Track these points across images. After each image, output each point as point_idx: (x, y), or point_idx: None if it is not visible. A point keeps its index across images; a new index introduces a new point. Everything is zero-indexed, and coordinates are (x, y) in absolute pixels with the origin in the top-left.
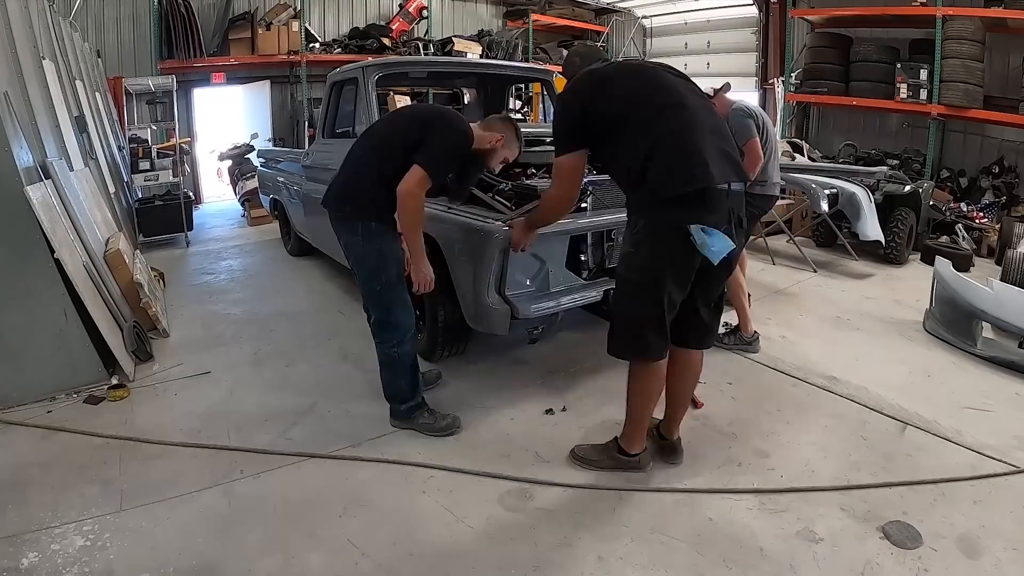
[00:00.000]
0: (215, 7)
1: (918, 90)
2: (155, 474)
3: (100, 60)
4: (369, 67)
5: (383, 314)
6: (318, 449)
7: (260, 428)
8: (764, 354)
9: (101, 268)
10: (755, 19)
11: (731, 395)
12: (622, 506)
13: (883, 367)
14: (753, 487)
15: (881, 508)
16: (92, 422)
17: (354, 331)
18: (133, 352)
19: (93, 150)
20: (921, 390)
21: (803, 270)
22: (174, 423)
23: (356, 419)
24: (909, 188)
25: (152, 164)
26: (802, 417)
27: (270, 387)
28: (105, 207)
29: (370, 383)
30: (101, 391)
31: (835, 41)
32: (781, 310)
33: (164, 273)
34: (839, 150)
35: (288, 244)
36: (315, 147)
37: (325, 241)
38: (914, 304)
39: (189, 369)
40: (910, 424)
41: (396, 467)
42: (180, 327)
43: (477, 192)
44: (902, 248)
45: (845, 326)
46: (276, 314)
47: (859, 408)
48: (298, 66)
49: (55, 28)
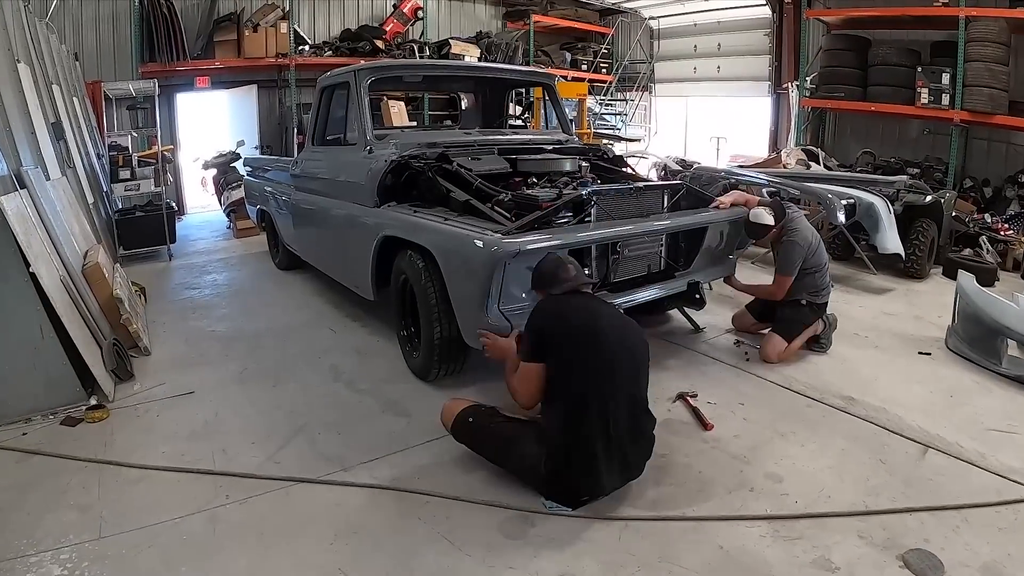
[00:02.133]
0: (199, 7)
1: (940, 95)
2: (136, 500)
3: (78, 63)
4: (361, 71)
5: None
6: (308, 473)
7: (247, 451)
8: (778, 373)
9: (79, 283)
10: (768, 20)
11: (743, 416)
12: (628, 534)
13: (903, 387)
14: (766, 513)
15: (901, 535)
16: (70, 445)
17: (345, 348)
18: (113, 371)
19: (71, 158)
20: (943, 411)
21: None
22: (156, 446)
23: (348, 441)
24: (930, 198)
25: (133, 173)
26: (817, 439)
27: (257, 408)
28: (83, 218)
29: (361, 403)
30: (79, 412)
31: (852, 43)
32: None
33: (145, 288)
34: (856, 158)
35: (276, 257)
36: (304, 155)
37: (315, 254)
38: (936, 321)
39: (172, 389)
40: (931, 447)
41: (390, 492)
42: (162, 345)
43: (476, 203)
44: (923, 262)
45: (863, 344)
46: (263, 331)
47: (878, 430)
48: (287, 70)
49: (30, 30)
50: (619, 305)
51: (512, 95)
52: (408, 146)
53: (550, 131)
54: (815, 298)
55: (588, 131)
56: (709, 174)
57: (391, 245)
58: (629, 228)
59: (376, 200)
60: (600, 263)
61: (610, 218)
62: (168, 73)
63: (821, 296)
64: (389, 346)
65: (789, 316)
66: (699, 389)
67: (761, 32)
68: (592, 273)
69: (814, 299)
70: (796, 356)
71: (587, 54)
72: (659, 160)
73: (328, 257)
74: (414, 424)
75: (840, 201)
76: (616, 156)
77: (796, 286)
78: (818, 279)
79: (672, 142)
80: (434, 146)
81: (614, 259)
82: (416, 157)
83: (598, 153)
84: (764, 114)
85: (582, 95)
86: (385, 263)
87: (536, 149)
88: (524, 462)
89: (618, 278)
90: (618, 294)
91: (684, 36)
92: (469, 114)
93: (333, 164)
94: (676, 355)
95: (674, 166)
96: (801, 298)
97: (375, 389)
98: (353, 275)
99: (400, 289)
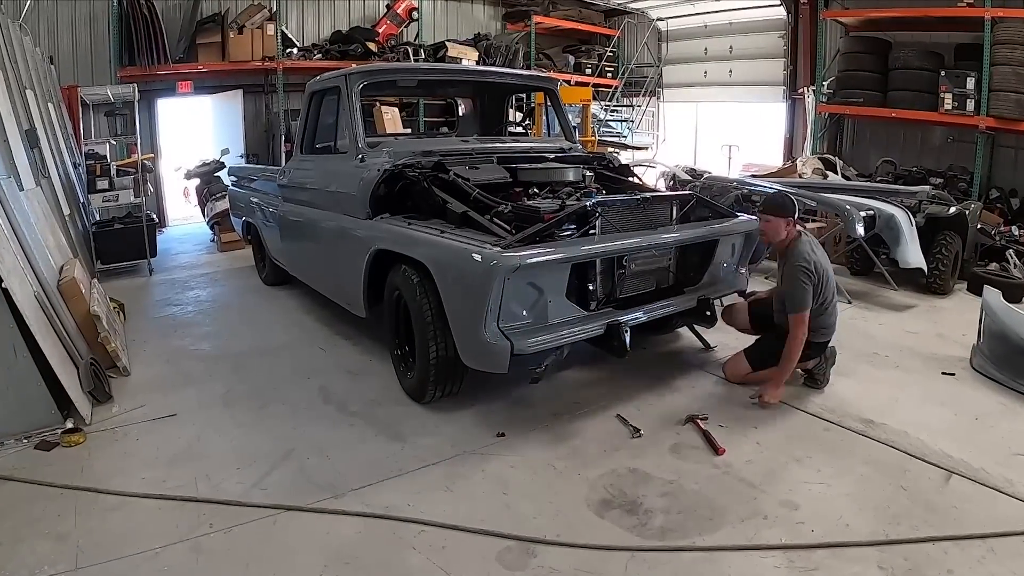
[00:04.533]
0: (181, 8)
1: (964, 100)
2: (115, 528)
3: (53, 67)
4: (353, 75)
5: None
6: (296, 500)
7: (231, 477)
8: (794, 395)
9: (54, 299)
10: (783, 21)
11: (756, 440)
12: (635, 565)
13: (925, 409)
14: (781, 543)
15: (923, 566)
16: (44, 470)
17: (336, 369)
18: (90, 392)
19: (45, 167)
20: (968, 435)
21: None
22: (136, 471)
23: (338, 467)
24: (954, 210)
25: (111, 183)
26: (835, 465)
27: (243, 431)
28: (59, 231)
29: (353, 426)
30: (54, 436)
31: (872, 46)
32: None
33: (124, 304)
34: (876, 167)
35: (263, 272)
36: (292, 164)
37: (304, 269)
38: (960, 339)
39: (152, 411)
40: (955, 472)
41: (383, 521)
42: (142, 365)
43: (474, 215)
44: (947, 277)
45: (883, 363)
46: (249, 350)
47: (899, 455)
48: (274, 74)
49: (3, 32)
50: (625, 323)
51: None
52: (402, 155)
53: (552, 139)
54: (820, 337)
55: (592, 139)
56: (720, 184)
57: (384, 259)
58: (636, 241)
59: (368, 212)
60: (605, 278)
61: (616, 231)
62: (148, 77)
63: (824, 336)
64: (382, 366)
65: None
66: (710, 411)
67: (775, 34)
68: (597, 289)
69: (818, 339)
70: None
71: (591, 57)
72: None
73: (317, 272)
74: (408, 448)
75: (859, 213)
76: (622, 165)
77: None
78: (828, 317)
79: (681, 150)
80: (430, 154)
81: (620, 274)
82: (411, 166)
83: (603, 162)
84: (778, 121)
85: (586, 100)
86: (378, 278)
87: (537, 158)
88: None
89: (624, 294)
90: (624, 311)
91: (694, 38)
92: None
93: (323, 174)
94: (685, 375)
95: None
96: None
97: (367, 411)
98: (344, 291)
99: (394, 306)
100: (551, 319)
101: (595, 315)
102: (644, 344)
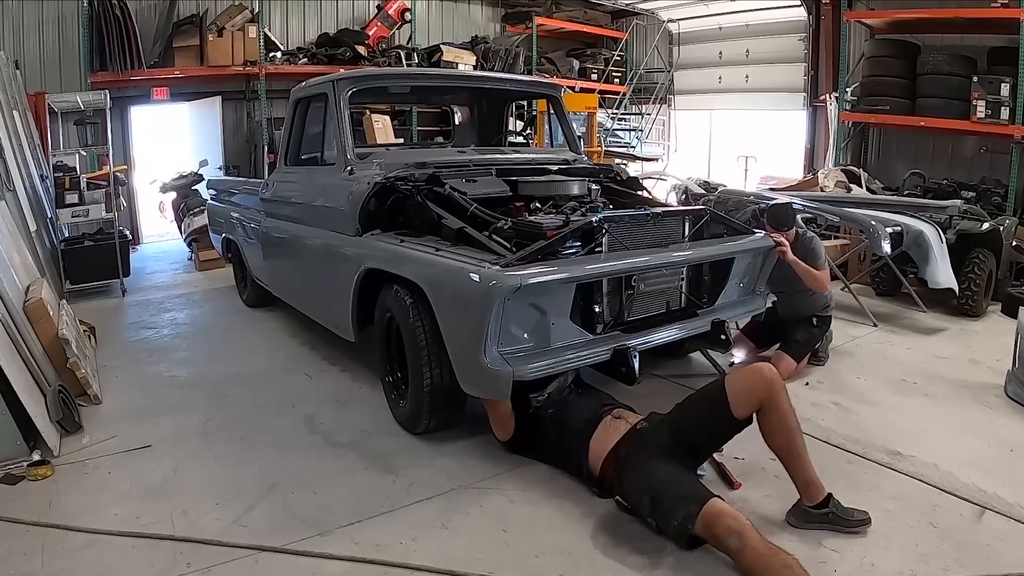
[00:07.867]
0: (156, 9)
1: (998, 108)
2: (85, 568)
3: (19, 72)
4: (341, 80)
5: None
6: (279, 539)
7: (210, 513)
8: (815, 424)
9: (20, 321)
10: (803, 23)
11: (774, 473)
12: None
13: (956, 440)
14: None
15: None
16: (9, 506)
17: (322, 397)
18: (58, 422)
19: (10, 180)
20: (1002, 467)
21: (861, 324)
22: (107, 507)
23: (325, 502)
24: (988, 226)
25: (81, 197)
26: (859, 500)
27: (222, 464)
28: (25, 248)
29: (341, 458)
30: (20, 468)
31: (899, 49)
32: (835, 372)
33: (95, 327)
34: (904, 180)
35: (244, 293)
36: (276, 176)
37: (288, 289)
38: (994, 364)
39: (125, 442)
40: (989, 508)
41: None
42: (115, 392)
43: (471, 231)
44: (979, 297)
45: (911, 391)
46: (230, 376)
47: (928, 489)
48: (256, 79)
49: None
50: (634, 347)
51: (512, 108)
52: (394, 166)
53: (555, 149)
54: (823, 312)
55: (599, 149)
56: (736, 198)
57: (375, 279)
58: (645, 260)
59: (358, 228)
60: (613, 299)
61: (624, 248)
62: (121, 83)
63: (828, 310)
64: (372, 394)
65: (803, 338)
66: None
67: (795, 37)
68: (603, 311)
69: (822, 313)
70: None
71: (597, 62)
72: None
73: (303, 293)
74: (401, 482)
75: (885, 229)
76: (630, 178)
77: (807, 303)
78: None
79: (694, 161)
80: (424, 166)
81: (628, 295)
82: (403, 179)
83: (610, 174)
84: (799, 130)
85: (592, 108)
86: (368, 299)
87: (539, 170)
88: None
89: (633, 316)
90: (633, 335)
91: (707, 41)
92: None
93: (309, 187)
94: None
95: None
96: (811, 317)
97: (356, 442)
98: (331, 313)
99: (385, 329)
100: (554, 343)
101: (601, 339)
102: (654, 369)
